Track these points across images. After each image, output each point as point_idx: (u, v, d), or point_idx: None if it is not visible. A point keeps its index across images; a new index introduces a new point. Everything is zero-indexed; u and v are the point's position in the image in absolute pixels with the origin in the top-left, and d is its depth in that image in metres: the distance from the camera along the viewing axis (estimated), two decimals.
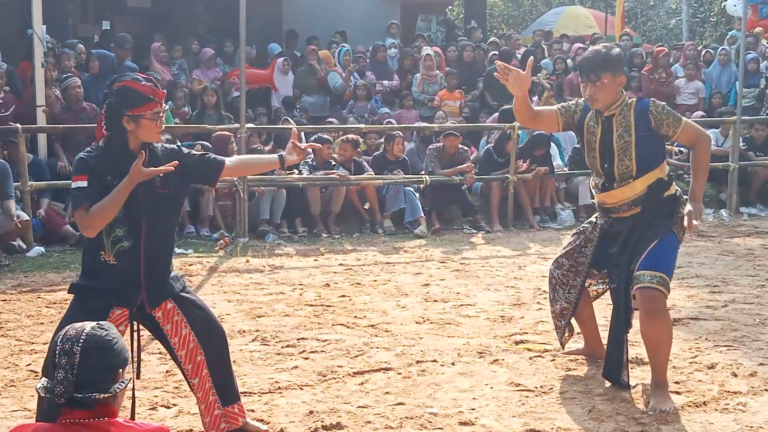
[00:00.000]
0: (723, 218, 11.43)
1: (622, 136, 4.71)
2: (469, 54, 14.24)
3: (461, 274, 8.16)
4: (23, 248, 8.69)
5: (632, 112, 4.70)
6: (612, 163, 4.75)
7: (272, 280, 7.84)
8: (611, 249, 4.89)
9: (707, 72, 14.71)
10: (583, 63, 4.72)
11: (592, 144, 4.83)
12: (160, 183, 3.85)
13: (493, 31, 25.29)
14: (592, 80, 4.63)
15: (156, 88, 3.83)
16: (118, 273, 3.80)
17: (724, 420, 4.49)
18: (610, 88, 4.66)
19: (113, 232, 3.76)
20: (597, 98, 4.67)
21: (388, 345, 5.81)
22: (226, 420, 4.16)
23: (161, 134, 3.93)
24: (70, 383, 2.59)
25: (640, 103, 4.74)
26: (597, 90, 4.65)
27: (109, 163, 3.77)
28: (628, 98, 4.77)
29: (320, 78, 13.44)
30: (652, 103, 4.72)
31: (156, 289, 3.90)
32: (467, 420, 4.49)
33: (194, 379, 4.07)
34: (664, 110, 4.70)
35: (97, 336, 2.67)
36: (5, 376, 5.18)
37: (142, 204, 3.79)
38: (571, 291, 5.16)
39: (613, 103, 4.70)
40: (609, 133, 4.74)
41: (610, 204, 4.87)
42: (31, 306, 6.82)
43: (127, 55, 11.95)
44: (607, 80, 4.63)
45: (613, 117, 4.73)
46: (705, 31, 27.80)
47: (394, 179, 10.44)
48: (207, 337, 4.04)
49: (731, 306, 6.81)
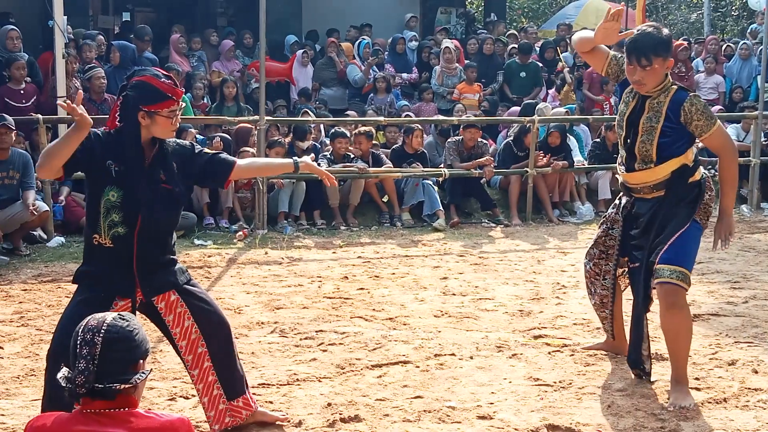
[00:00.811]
0: (744, 214, 11.35)
1: (650, 120, 4.62)
2: (489, 47, 14.20)
3: (480, 267, 8.15)
4: (43, 238, 8.74)
5: (667, 100, 4.59)
6: (634, 142, 4.68)
7: (291, 272, 7.85)
8: (633, 230, 4.85)
9: (728, 66, 14.60)
10: (634, 46, 4.51)
11: (623, 115, 4.76)
12: (164, 178, 3.85)
13: (513, 24, 25.20)
14: (643, 65, 4.49)
15: (175, 87, 3.82)
16: (112, 257, 3.80)
17: (744, 417, 4.46)
18: (659, 73, 4.55)
19: (110, 216, 3.75)
20: (645, 83, 4.55)
21: (407, 338, 5.81)
22: (231, 414, 4.16)
23: (174, 132, 3.92)
24: (91, 373, 2.60)
25: (678, 94, 4.60)
26: (646, 75, 4.52)
27: (114, 150, 3.76)
28: (670, 83, 4.64)
29: (339, 71, 13.44)
30: (688, 99, 4.57)
31: (149, 280, 3.87)
32: (485, 414, 4.49)
33: (194, 370, 4.07)
34: (698, 110, 4.55)
35: (119, 327, 2.68)
36: (26, 365, 5.21)
37: (141, 195, 3.78)
38: (606, 277, 5.09)
39: (656, 87, 4.60)
40: (640, 111, 4.66)
41: (632, 184, 4.81)
42: (51, 296, 6.86)
43: (147, 47, 11.99)
44: (657, 65, 4.50)
45: (648, 98, 4.64)
46: (726, 25, 27.60)
47: (412, 172, 10.42)
48: (211, 331, 4.03)
49: (752, 302, 6.77)
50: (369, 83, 13.31)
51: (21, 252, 8.27)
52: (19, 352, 5.49)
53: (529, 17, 29.74)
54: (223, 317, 4.14)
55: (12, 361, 5.30)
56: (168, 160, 3.87)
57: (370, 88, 13.28)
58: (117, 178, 3.75)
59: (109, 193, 3.75)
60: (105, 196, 3.75)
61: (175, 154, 3.93)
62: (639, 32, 4.56)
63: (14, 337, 5.79)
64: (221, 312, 4.17)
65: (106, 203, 3.75)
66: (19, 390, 4.82)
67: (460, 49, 14.20)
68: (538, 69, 13.72)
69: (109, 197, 3.75)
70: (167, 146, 3.92)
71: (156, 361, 5.23)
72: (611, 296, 5.11)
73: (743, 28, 22.30)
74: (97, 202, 3.77)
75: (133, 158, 3.77)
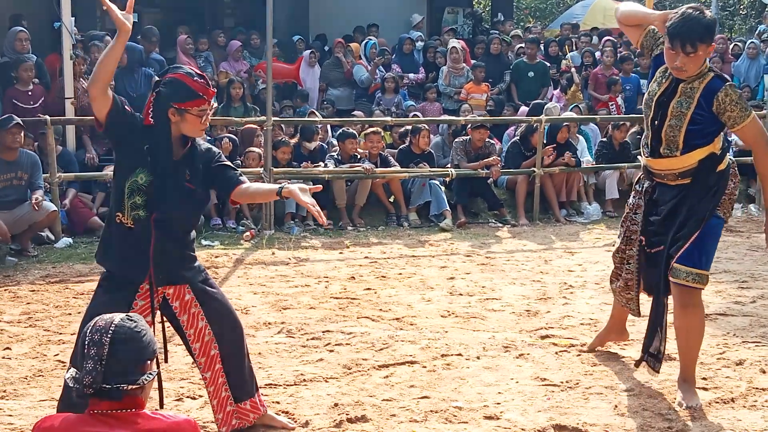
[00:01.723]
0: (752, 213, 11.32)
1: (681, 104, 4.44)
2: (496, 47, 14.18)
3: (487, 267, 8.14)
4: (51, 239, 8.76)
5: (702, 87, 4.40)
6: (662, 125, 4.51)
7: (298, 272, 7.86)
8: (653, 216, 4.72)
9: (736, 65, 14.56)
10: (678, 30, 4.28)
11: (653, 95, 4.58)
12: (188, 177, 3.87)
13: (520, 23, 25.17)
14: (687, 52, 4.28)
15: (207, 87, 3.82)
16: (130, 238, 3.81)
17: (752, 417, 4.45)
18: (701, 60, 4.37)
19: (133, 198, 3.77)
20: (686, 69, 4.36)
21: (413, 338, 5.81)
22: (238, 417, 4.16)
23: (203, 132, 3.93)
24: (98, 374, 2.61)
25: (713, 82, 4.41)
26: (689, 61, 4.33)
27: (149, 140, 3.79)
28: (707, 68, 4.44)
29: (346, 71, 13.45)
30: (723, 89, 4.38)
31: (164, 268, 3.88)
32: (492, 414, 4.49)
33: (207, 372, 4.07)
34: (733, 101, 4.37)
35: (126, 327, 2.69)
36: (33, 366, 5.23)
37: (167, 191, 3.80)
38: (629, 262, 4.94)
39: (696, 73, 4.42)
40: (671, 94, 4.48)
41: (656, 170, 4.66)
42: (59, 296, 6.88)
43: (154, 48, 12.00)
44: (702, 51, 4.31)
45: (682, 82, 4.45)
46: (734, 24, 27.53)
47: (419, 172, 10.42)
48: (224, 333, 4.03)
49: (760, 302, 6.75)
50: (375, 83, 13.31)
51: (29, 253, 8.29)
52: (26, 352, 5.50)
53: (536, 17, 29.71)
54: (236, 320, 4.13)
55: (20, 362, 5.32)
56: (196, 161, 3.89)
57: (376, 88, 13.27)
58: (150, 165, 3.78)
59: (139, 175, 3.78)
60: (134, 177, 3.77)
61: (203, 158, 3.94)
62: (683, 15, 4.32)
63: (22, 337, 5.80)
64: (236, 314, 4.17)
65: (132, 184, 3.77)
66: (26, 390, 4.83)
67: (467, 50, 14.19)
68: (546, 69, 13.70)
69: (137, 179, 3.77)
70: (198, 148, 3.94)
71: (163, 362, 5.23)
72: (637, 280, 4.94)
73: (751, 27, 22.24)
74: (124, 180, 3.79)
75: (162, 153, 3.80)
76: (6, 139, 8.28)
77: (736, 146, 12.14)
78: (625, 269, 4.99)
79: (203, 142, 4.03)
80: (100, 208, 9.42)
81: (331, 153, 10.56)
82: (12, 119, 8.33)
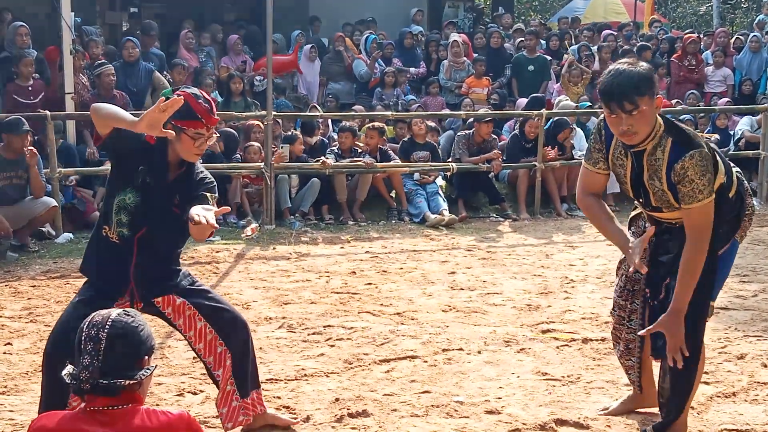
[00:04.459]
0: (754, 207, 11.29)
1: (653, 181, 3.78)
2: (497, 41, 14.16)
3: (488, 262, 8.13)
4: (52, 234, 8.76)
5: (666, 158, 3.70)
6: (648, 199, 3.87)
7: (298, 267, 7.85)
8: (663, 256, 3.99)
9: (738, 59, 14.52)
10: (611, 89, 3.63)
11: (622, 177, 3.93)
12: (177, 202, 3.83)
13: (521, 17, 25.14)
14: (628, 110, 3.60)
15: (209, 113, 3.79)
16: (114, 252, 3.81)
17: (753, 411, 4.45)
18: (650, 115, 3.66)
19: (120, 215, 3.77)
20: (636, 131, 3.66)
21: (414, 333, 5.81)
22: (245, 412, 4.12)
23: (198, 157, 3.89)
24: (95, 369, 2.60)
25: (673, 151, 3.70)
26: (636, 121, 3.63)
27: (147, 159, 3.78)
28: (663, 130, 3.73)
29: (347, 65, 13.43)
30: (682, 160, 3.66)
31: (146, 285, 3.87)
32: (493, 409, 4.48)
33: (218, 370, 4.03)
34: (688, 177, 3.65)
35: (124, 322, 2.68)
36: (34, 361, 5.22)
37: (152, 214, 3.78)
38: (632, 318, 4.20)
39: (649, 135, 3.72)
40: (639, 171, 3.82)
41: (662, 219, 3.96)
42: (59, 292, 6.88)
43: (153, 42, 11.98)
44: (645, 106, 3.61)
45: (643, 153, 3.76)
46: (736, 17, 27.49)
47: (420, 167, 10.40)
48: (226, 328, 3.98)
49: (761, 296, 6.75)
50: (375, 77, 13.28)
51: (29, 248, 8.29)
52: (27, 348, 5.50)
53: (537, 10, 29.67)
54: (235, 313, 4.08)
55: (21, 357, 5.32)
56: (188, 187, 3.86)
57: (376, 82, 13.26)
58: (140, 186, 3.78)
59: (128, 194, 3.77)
60: (123, 195, 3.77)
61: (195, 186, 3.89)
62: (611, 73, 3.68)
63: (23, 333, 5.80)
64: (233, 308, 4.13)
65: (120, 202, 3.77)
66: (27, 386, 4.82)
67: (468, 43, 14.17)
68: (546, 63, 13.66)
69: (125, 198, 3.77)
70: (194, 174, 3.90)
71: (164, 357, 5.24)
72: (639, 340, 4.20)
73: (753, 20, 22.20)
74: (113, 197, 3.80)
75: (157, 171, 3.78)
76: (15, 142, 8.30)
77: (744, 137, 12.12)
78: (627, 328, 4.24)
79: (202, 169, 3.97)
80: (101, 203, 9.41)
81: (332, 147, 10.56)
82: (23, 124, 8.33)
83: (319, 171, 9.91)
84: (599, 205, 4.09)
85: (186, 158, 3.85)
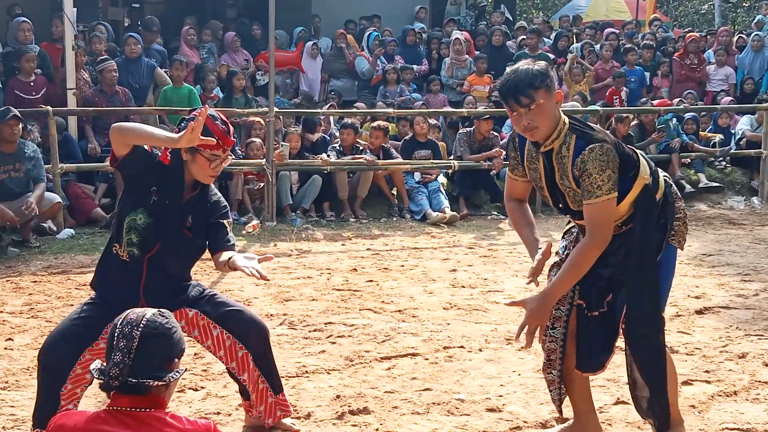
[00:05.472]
0: (755, 206, 11.31)
1: (564, 180, 3.72)
2: (499, 38, 14.15)
3: (489, 260, 8.13)
4: (53, 230, 8.76)
5: (570, 154, 3.65)
6: (565, 202, 3.82)
7: (300, 264, 7.85)
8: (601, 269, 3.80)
9: (740, 58, 14.52)
10: (507, 87, 3.63)
11: (538, 182, 3.88)
12: (189, 224, 3.84)
13: (523, 15, 25.12)
14: (525, 104, 3.58)
15: (226, 135, 3.78)
16: (124, 269, 3.81)
17: (754, 410, 4.45)
18: (549, 109, 3.62)
19: (130, 234, 3.76)
20: (537, 125, 3.62)
21: (416, 330, 5.81)
22: (281, 408, 4.13)
23: (213, 179, 3.90)
24: (126, 367, 2.58)
25: (577, 146, 3.64)
26: (535, 115, 3.59)
27: (160, 179, 3.78)
28: (567, 127, 3.68)
29: (349, 62, 13.42)
30: (582, 153, 3.59)
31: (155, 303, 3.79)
32: (494, 406, 4.49)
33: (243, 374, 4.01)
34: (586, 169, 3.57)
35: (158, 323, 2.66)
36: (35, 357, 5.20)
37: (163, 236, 3.78)
38: (555, 325, 3.96)
39: (552, 130, 3.67)
40: (551, 172, 3.77)
41: None
42: (61, 287, 6.88)
43: (155, 38, 11.98)
44: (543, 99, 3.59)
45: (552, 153, 3.72)
46: (737, 16, 27.47)
47: (421, 165, 10.40)
48: (243, 330, 3.96)
49: (762, 294, 6.75)
50: (377, 75, 13.28)
51: (31, 244, 8.28)
52: (28, 343, 5.50)
53: (539, 8, 29.65)
54: (249, 314, 4.07)
55: (22, 353, 5.32)
56: (202, 209, 3.86)
57: (378, 79, 13.25)
58: (152, 207, 3.77)
59: (138, 215, 3.76)
60: (134, 216, 3.76)
61: (209, 209, 3.90)
62: (508, 73, 3.71)
63: (24, 328, 5.80)
64: (247, 309, 4.13)
65: (131, 222, 3.76)
66: (29, 381, 4.82)
67: (470, 41, 14.16)
68: (547, 60, 13.64)
69: (136, 218, 3.76)
70: (208, 197, 3.91)
71: None
72: (560, 351, 3.97)
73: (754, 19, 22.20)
74: (125, 215, 3.79)
75: (172, 192, 3.78)
76: (4, 131, 8.23)
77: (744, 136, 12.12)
78: (550, 336, 3.99)
79: (216, 192, 3.98)
80: (102, 199, 9.42)
81: (333, 144, 10.56)
82: (9, 111, 8.25)
83: (320, 168, 9.91)
84: (520, 210, 4.12)
85: (200, 180, 3.85)
